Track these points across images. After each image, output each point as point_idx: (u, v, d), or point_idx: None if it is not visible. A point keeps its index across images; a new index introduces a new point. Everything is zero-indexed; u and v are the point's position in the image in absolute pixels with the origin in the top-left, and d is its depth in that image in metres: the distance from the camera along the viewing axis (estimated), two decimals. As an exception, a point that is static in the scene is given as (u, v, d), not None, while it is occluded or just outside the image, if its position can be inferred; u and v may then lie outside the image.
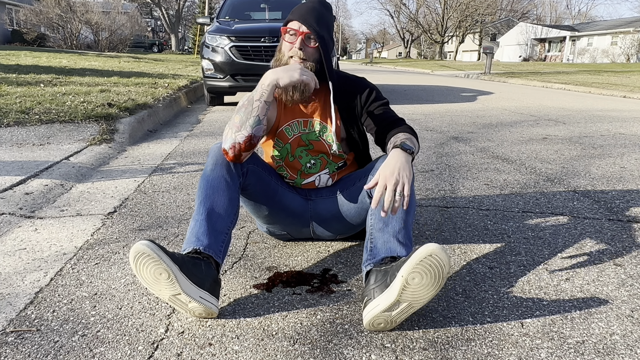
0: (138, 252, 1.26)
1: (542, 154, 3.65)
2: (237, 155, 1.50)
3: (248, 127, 1.49)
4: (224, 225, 1.48)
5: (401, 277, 1.23)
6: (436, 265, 1.22)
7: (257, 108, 1.51)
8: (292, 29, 1.59)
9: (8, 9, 28.19)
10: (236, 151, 1.49)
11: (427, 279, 1.22)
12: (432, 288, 1.24)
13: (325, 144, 1.72)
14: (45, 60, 11.33)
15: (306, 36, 1.58)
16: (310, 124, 1.72)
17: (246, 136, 1.48)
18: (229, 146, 1.49)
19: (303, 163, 1.75)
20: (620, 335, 1.31)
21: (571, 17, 61.52)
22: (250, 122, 1.49)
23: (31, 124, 3.90)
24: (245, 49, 6.04)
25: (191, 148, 3.80)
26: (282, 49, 1.63)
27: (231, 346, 1.26)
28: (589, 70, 18.35)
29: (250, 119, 1.50)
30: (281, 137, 1.73)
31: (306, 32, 1.57)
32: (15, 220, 2.15)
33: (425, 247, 1.22)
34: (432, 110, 6.40)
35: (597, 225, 2.14)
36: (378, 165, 1.62)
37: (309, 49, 1.59)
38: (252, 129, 1.49)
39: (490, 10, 45.77)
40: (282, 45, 1.64)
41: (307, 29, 1.57)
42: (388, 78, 14.34)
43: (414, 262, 1.22)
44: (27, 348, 1.25)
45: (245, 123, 1.49)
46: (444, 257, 1.21)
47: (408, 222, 1.47)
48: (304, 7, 1.62)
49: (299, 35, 1.57)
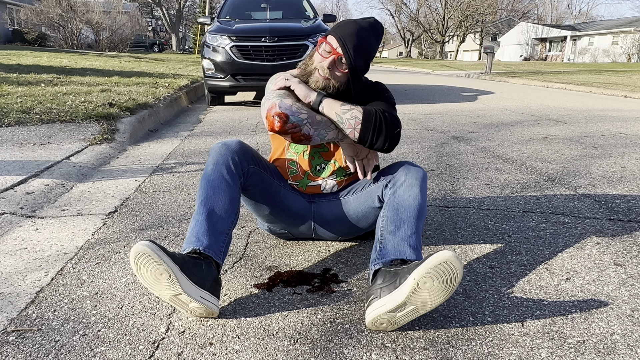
0: (138, 253, 1.26)
1: (543, 153, 3.64)
2: (282, 122, 1.44)
3: (320, 126, 1.50)
4: (225, 225, 1.48)
5: (413, 280, 1.23)
6: (449, 273, 1.22)
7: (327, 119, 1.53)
8: (329, 44, 1.54)
9: (9, 8, 28.22)
10: (280, 121, 1.43)
11: (438, 284, 1.23)
12: (441, 294, 1.24)
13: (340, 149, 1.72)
14: (46, 59, 11.33)
15: (339, 59, 1.54)
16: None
17: (302, 125, 1.46)
18: (269, 106, 1.46)
19: (313, 165, 1.75)
20: (620, 335, 1.31)
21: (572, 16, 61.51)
22: (325, 124, 1.52)
23: (32, 124, 3.91)
24: (245, 49, 6.04)
25: (192, 148, 3.81)
26: (314, 58, 1.59)
27: (232, 345, 1.27)
28: (589, 69, 18.33)
29: (327, 125, 1.52)
30: None
31: (340, 55, 1.53)
32: (16, 220, 2.15)
33: (441, 254, 1.22)
34: (433, 109, 6.40)
35: (598, 225, 2.13)
36: (389, 170, 1.61)
37: (337, 72, 1.55)
38: (313, 129, 1.49)
39: (491, 10, 45.72)
40: (315, 55, 1.59)
41: (343, 55, 1.52)
42: (389, 78, 14.33)
43: (428, 267, 1.22)
44: (28, 347, 1.25)
45: (321, 122, 1.51)
46: (458, 266, 1.22)
47: (419, 227, 1.48)
48: (352, 26, 1.54)
49: (333, 54, 1.53)
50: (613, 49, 32.56)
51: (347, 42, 1.52)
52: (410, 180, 1.51)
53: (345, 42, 1.51)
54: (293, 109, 1.46)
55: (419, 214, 1.48)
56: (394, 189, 1.54)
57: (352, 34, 1.52)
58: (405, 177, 1.53)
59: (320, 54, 1.57)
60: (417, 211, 1.48)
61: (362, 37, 1.53)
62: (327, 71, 1.54)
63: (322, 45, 1.57)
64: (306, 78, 1.59)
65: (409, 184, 1.51)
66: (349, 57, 1.52)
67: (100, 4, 30.89)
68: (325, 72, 1.54)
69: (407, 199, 1.49)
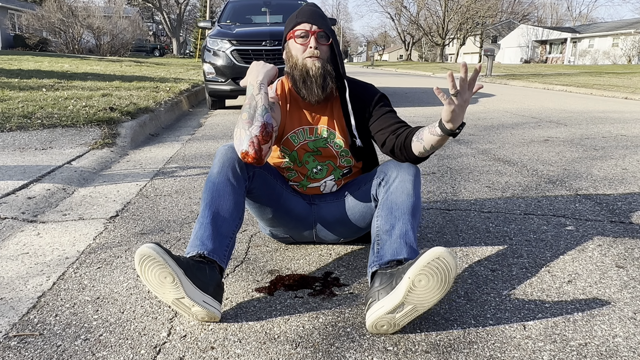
0: (144, 255, 1.26)
1: (544, 155, 3.64)
2: (257, 150, 1.45)
3: (259, 117, 1.48)
4: (229, 229, 1.48)
5: (408, 279, 1.23)
6: (443, 269, 1.22)
7: (260, 99, 1.52)
8: (302, 30, 1.60)
9: (10, 14, 28.32)
10: (255, 146, 1.45)
11: (433, 281, 1.23)
12: (438, 291, 1.24)
13: (333, 150, 1.72)
14: (47, 64, 11.37)
15: (319, 34, 1.60)
16: (317, 131, 1.70)
17: (260, 125, 1.47)
18: (247, 144, 1.46)
19: (310, 168, 1.75)
20: (622, 338, 1.31)
21: (572, 18, 61.55)
22: (259, 112, 1.50)
23: (33, 129, 3.92)
24: (246, 53, 6.06)
25: (193, 152, 3.81)
26: (294, 53, 1.62)
27: (233, 350, 1.27)
28: (590, 71, 18.33)
29: (257, 109, 1.50)
30: (287, 144, 1.72)
31: (318, 31, 1.59)
32: (18, 225, 2.16)
33: (432, 250, 1.22)
34: (434, 112, 6.40)
35: (599, 227, 2.13)
36: (382, 168, 1.61)
37: (322, 47, 1.61)
38: (262, 117, 1.48)
39: (491, 13, 45.80)
40: (292, 50, 1.63)
41: (318, 27, 1.59)
42: (389, 81, 14.34)
43: (421, 265, 1.22)
44: (30, 352, 1.25)
45: (254, 115, 1.49)
46: (451, 261, 1.22)
47: (414, 224, 1.47)
48: (306, 9, 1.64)
49: (312, 35, 1.59)
50: (613, 50, 32.57)
51: (315, 18, 1.61)
52: (402, 177, 1.51)
53: (315, 19, 1.60)
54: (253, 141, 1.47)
55: (413, 210, 1.47)
56: (386, 187, 1.54)
57: (311, 13, 1.61)
58: (397, 174, 1.53)
59: (299, 44, 1.61)
60: (411, 208, 1.47)
61: (319, 13, 1.64)
62: (316, 52, 1.59)
63: (295, 39, 1.62)
64: (298, 72, 1.61)
65: (402, 180, 1.51)
66: (325, 26, 1.60)
67: (101, 8, 30.98)
68: (316, 52, 1.59)
69: (400, 196, 1.49)
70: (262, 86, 1.56)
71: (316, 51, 1.59)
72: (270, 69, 1.62)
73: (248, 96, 1.56)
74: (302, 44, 1.60)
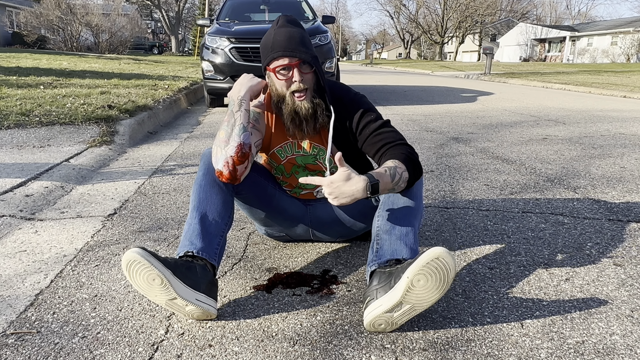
0: (129, 260, 1.27)
1: (542, 154, 3.65)
2: (232, 171, 1.45)
3: (235, 137, 1.45)
4: (219, 228, 1.48)
5: (406, 279, 1.23)
6: (442, 269, 1.22)
7: (239, 117, 1.48)
8: (281, 65, 1.48)
9: (8, 11, 28.25)
10: (230, 166, 1.44)
11: (432, 281, 1.23)
12: (436, 291, 1.24)
13: (322, 165, 1.68)
14: (45, 62, 11.34)
15: (301, 65, 1.49)
16: (305, 147, 1.66)
17: (236, 146, 1.44)
18: (222, 164, 1.45)
19: (299, 179, 1.73)
20: (620, 336, 1.31)
21: (571, 17, 61.55)
22: (235, 131, 1.46)
23: (31, 126, 3.91)
24: (245, 51, 6.05)
25: (191, 150, 3.81)
26: (277, 88, 1.53)
27: (231, 347, 1.27)
28: (589, 70, 18.35)
29: (235, 128, 1.47)
30: (274, 158, 1.71)
31: (298, 62, 1.48)
32: (16, 222, 2.15)
33: (432, 250, 1.22)
34: (432, 110, 6.40)
35: (597, 225, 2.13)
36: None
37: (306, 77, 1.51)
38: (239, 137, 1.45)
39: (490, 11, 45.80)
40: (276, 83, 1.53)
41: (297, 59, 1.47)
42: (388, 79, 14.33)
43: (420, 264, 1.22)
44: (28, 350, 1.25)
45: (231, 134, 1.46)
46: (450, 261, 1.22)
47: (415, 226, 1.47)
48: (280, 38, 1.48)
49: (294, 67, 1.48)
50: (612, 49, 32.58)
51: (290, 47, 1.46)
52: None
53: (290, 49, 1.46)
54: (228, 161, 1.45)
55: (415, 211, 1.47)
56: None
57: (284, 41, 1.47)
58: None
59: (281, 80, 1.50)
60: (412, 209, 1.47)
61: (290, 34, 1.48)
62: (301, 85, 1.50)
63: (276, 75, 1.51)
64: (287, 109, 1.54)
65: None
66: (304, 55, 1.47)
67: (100, 6, 30.95)
68: (301, 86, 1.50)
69: (402, 196, 1.49)
70: (243, 102, 1.50)
71: (301, 85, 1.49)
72: (255, 84, 1.55)
73: (228, 112, 1.51)
74: (285, 79, 1.50)
